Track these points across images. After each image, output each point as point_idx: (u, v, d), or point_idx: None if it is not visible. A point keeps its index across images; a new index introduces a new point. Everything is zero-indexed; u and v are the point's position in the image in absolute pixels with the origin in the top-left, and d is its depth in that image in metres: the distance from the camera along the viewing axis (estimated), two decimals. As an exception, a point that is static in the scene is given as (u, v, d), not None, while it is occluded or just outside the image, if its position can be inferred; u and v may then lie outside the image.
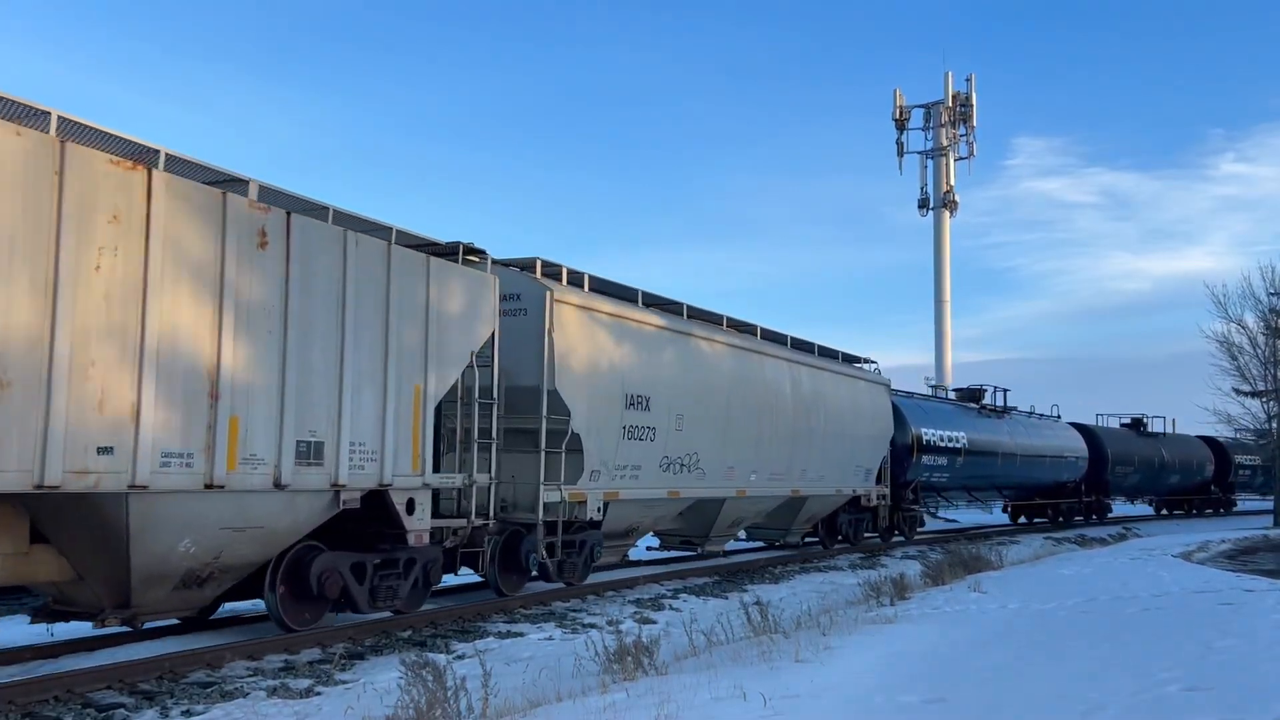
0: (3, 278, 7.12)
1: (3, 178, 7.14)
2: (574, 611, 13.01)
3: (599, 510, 14.06)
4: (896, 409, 24.06)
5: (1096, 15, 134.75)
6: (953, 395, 31.11)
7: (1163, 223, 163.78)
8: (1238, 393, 36.52)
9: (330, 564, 10.22)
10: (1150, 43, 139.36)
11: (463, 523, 11.73)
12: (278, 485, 9.08)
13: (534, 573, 13.53)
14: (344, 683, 8.63)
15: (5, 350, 7.13)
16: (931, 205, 51.96)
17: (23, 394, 7.20)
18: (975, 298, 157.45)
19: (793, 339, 19.89)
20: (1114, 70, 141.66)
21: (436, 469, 11.92)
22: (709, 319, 17.48)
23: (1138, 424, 40.32)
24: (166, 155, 8.54)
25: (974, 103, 52.09)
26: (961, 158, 52.32)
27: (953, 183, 51.97)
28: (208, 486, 8.44)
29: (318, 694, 8.23)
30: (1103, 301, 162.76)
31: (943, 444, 25.65)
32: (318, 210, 10.02)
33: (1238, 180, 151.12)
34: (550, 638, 11.12)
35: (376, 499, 10.39)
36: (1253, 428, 38.26)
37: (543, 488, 13.04)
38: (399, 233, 10.99)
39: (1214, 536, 26.01)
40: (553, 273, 13.95)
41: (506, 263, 13.70)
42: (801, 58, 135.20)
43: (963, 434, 26.63)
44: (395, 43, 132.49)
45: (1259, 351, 36.09)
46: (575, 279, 14.29)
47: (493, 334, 12.18)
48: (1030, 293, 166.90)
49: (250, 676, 8.78)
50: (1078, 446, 34.00)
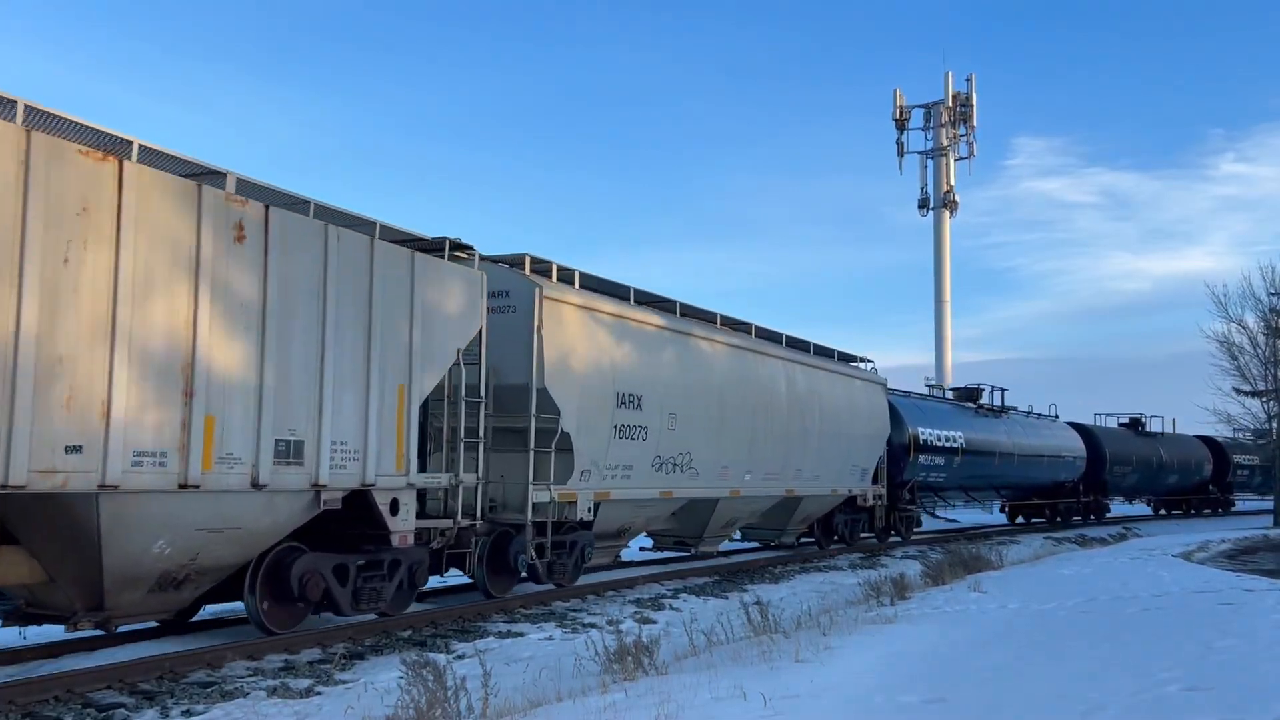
0: (-34, 271, 6.90)
1: (-34, 168, 6.93)
2: (574, 611, 12.96)
3: (589, 510, 13.85)
4: (893, 408, 23.87)
5: (1096, 15, 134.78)
6: (950, 395, 30.91)
7: (1163, 223, 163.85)
8: (1238, 392, 36.65)
9: (311, 566, 10.00)
10: (1150, 43, 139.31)
11: (449, 523, 11.50)
12: (256, 485, 8.85)
13: (523, 574, 13.32)
14: (344, 682, 8.61)
15: (-31, 346, 6.91)
16: (931, 205, 51.83)
17: (-13, 391, 6.97)
18: (975, 298, 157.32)
19: (788, 337, 19.68)
20: (1114, 70, 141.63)
21: (423, 469, 11.71)
22: (703, 317, 17.27)
23: (1136, 424, 40.15)
24: (140, 146, 8.31)
25: (974, 103, 51.97)
26: (961, 158, 52.24)
27: (953, 183, 51.84)
28: (182, 486, 8.21)
29: (318, 694, 8.22)
30: (1103, 301, 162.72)
31: (940, 444, 25.46)
32: (299, 204, 9.81)
33: (1238, 180, 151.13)
34: (550, 638, 11.09)
35: (359, 499, 10.16)
36: (1252, 427, 38.17)
37: (532, 488, 12.83)
38: (383, 227, 10.77)
39: (1214, 536, 26.04)
40: (542, 269, 13.73)
41: (495, 259, 13.49)
42: (801, 58, 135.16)
43: (960, 434, 26.44)
44: (395, 43, 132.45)
45: (1259, 351, 36.20)
46: (565, 276, 14.07)
47: (480, 331, 11.96)
48: (1030, 293, 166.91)
49: (250, 676, 8.76)
50: (1075, 446, 33.82)
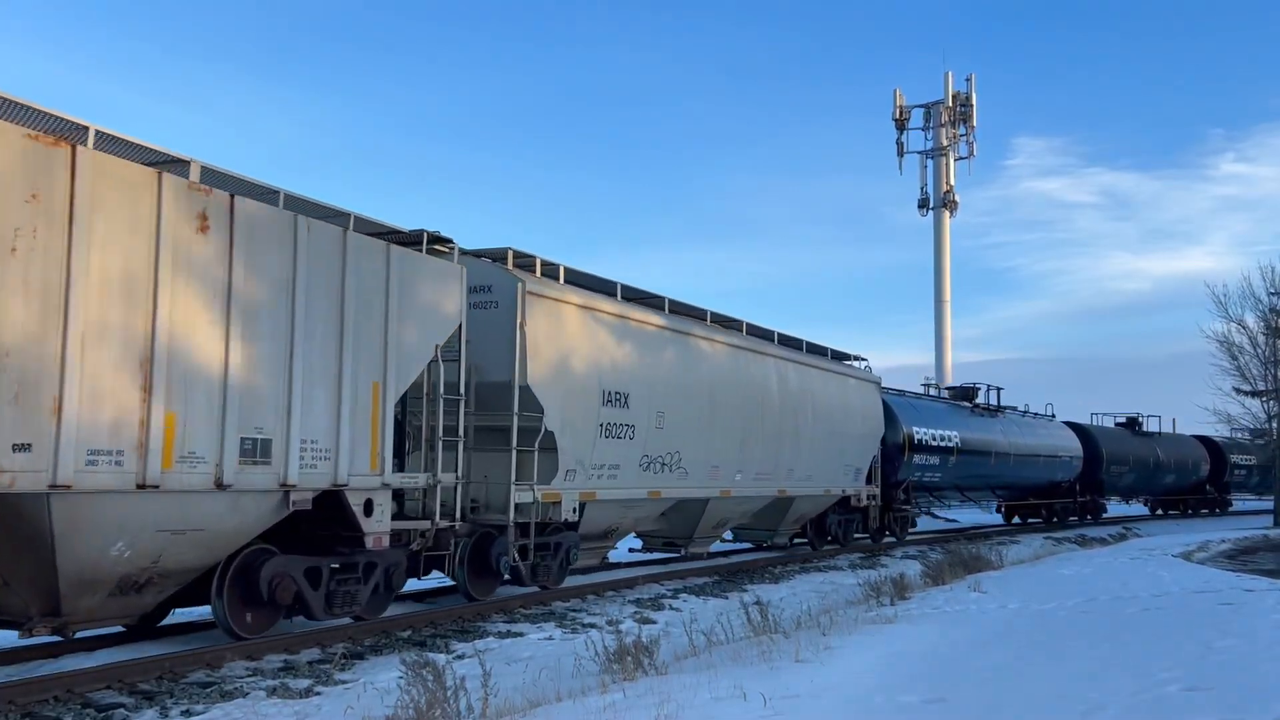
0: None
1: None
2: (574, 611, 12.85)
3: (574, 511, 13.52)
4: (887, 407, 23.56)
5: (1096, 15, 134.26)
6: (945, 394, 30.60)
7: (1163, 223, 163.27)
8: (1238, 392, 36.54)
9: (282, 568, 9.66)
10: (1150, 43, 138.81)
11: (427, 525, 11.16)
12: (220, 485, 8.50)
13: (506, 576, 12.99)
14: (344, 682, 8.57)
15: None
16: (931, 205, 51.66)
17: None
18: (975, 298, 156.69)
19: (780, 335, 19.36)
20: (1114, 70, 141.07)
21: (401, 469, 11.39)
22: (693, 314, 16.94)
23: (1133, 423, 39.85)
24: (97, 132, 7.96)
25: (974, 103, 51.85)
26: (961, 158, 52.15)
27: (953, 183, 51.67)
28: (140, 486, 7.86)
29: (317, 694, 8.19)
30: (1103, 301, 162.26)
31: (935, 443, 25.16)
32: (268, 194, 9.46)
33: (1238, 180, 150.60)
34: (550, 638, 11.03)
35: (332, 500, 9.82)
36: (1251, 427, 37.96)
37: (514, 488, 12.50)
38: (357, 219, 10.43)
39: (1214, 536, 25.95)
40: (526, 264, 13.40)
41: (477, 253, 13.16)
42: (801, 58, 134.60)
43: (955, 433, 26.14)
44: (395, 43, 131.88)
45: (1259, 351, 36.12)
46: (550, 271, 13.74)
47: (460, 327, 11.63)
48: (1030, 293, 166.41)
49: (250, 676, 8.71)
50: (1072, 446, 33.53)
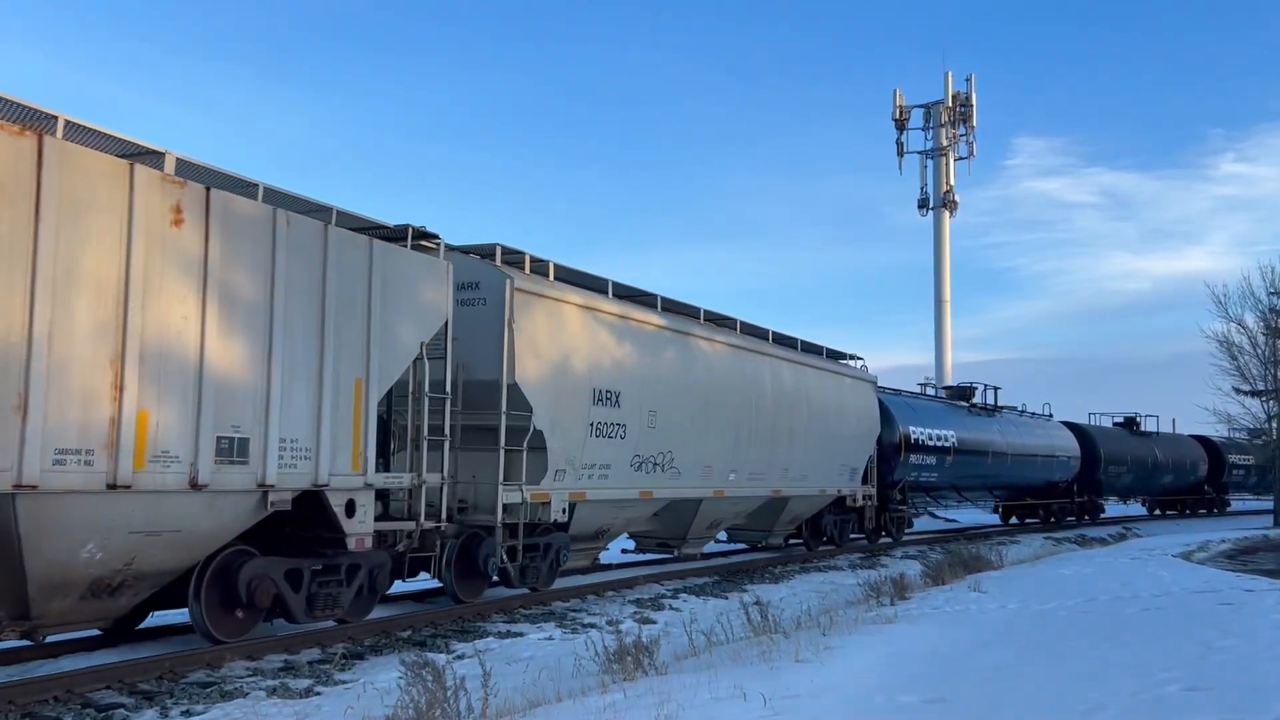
0: None
1: None
2: (574, 611, 12.81)
3: (564, 512, 13.30)
4: (883, 407, 23.36)
5: (1096, 15, 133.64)
6: (942, 393, 30.40)
7: (1163, 223, 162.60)
8: (1238, 392, 36.40)
9: (261, 570, 9.44)
10: (1150, 42, 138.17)
11: (411, 525, 10.94)
12: (195, 485, 8.27)
13: (494, 578, 12.78)
14: (344, 683, 8.55)
15: None
16: (931, 205, 51.42)
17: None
18: (975, 298, 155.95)
19: (774, 334, 19.14)
20: (1114, 70, 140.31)
21: (386, 468, 11.18)
22: (686, 312, 16.72)
23: (1131, 423, 39.67)
24: (66, 122, 7.74)
25: (974, 103, 51.54)
26: (961, 158, 51.80)
27: (953, 183, 51.43)
28: (111, 487, 7.63)
29: (317, 694, 8.18)
30: (1103, 301, 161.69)
31: (931, 443, 24.95)
32: (246, 187, 9.24)
33: (1238, 180, 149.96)
34: (550, 638, 11.02)
35: (313, 500, 9.60)
36: (1250, 426, 37.84)
37: (502, 488, 12.29)
38: (340, 213, 10.21)
39: (1214, 536, 25.84)
40: (515, 261, 13.18)
41: (465, 250, 12.95)
42: (801, 58, 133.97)
43: (952, 433, 25.93)
44: (395, 43, 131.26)
45: (1259, 351, 35.96)
46: (539, 268, 13.52)
47: (446, 324, 11.41)
48: (1030, 293, 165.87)
49: (250, 676, 8.69)
50: (1070, 446, 33.34)
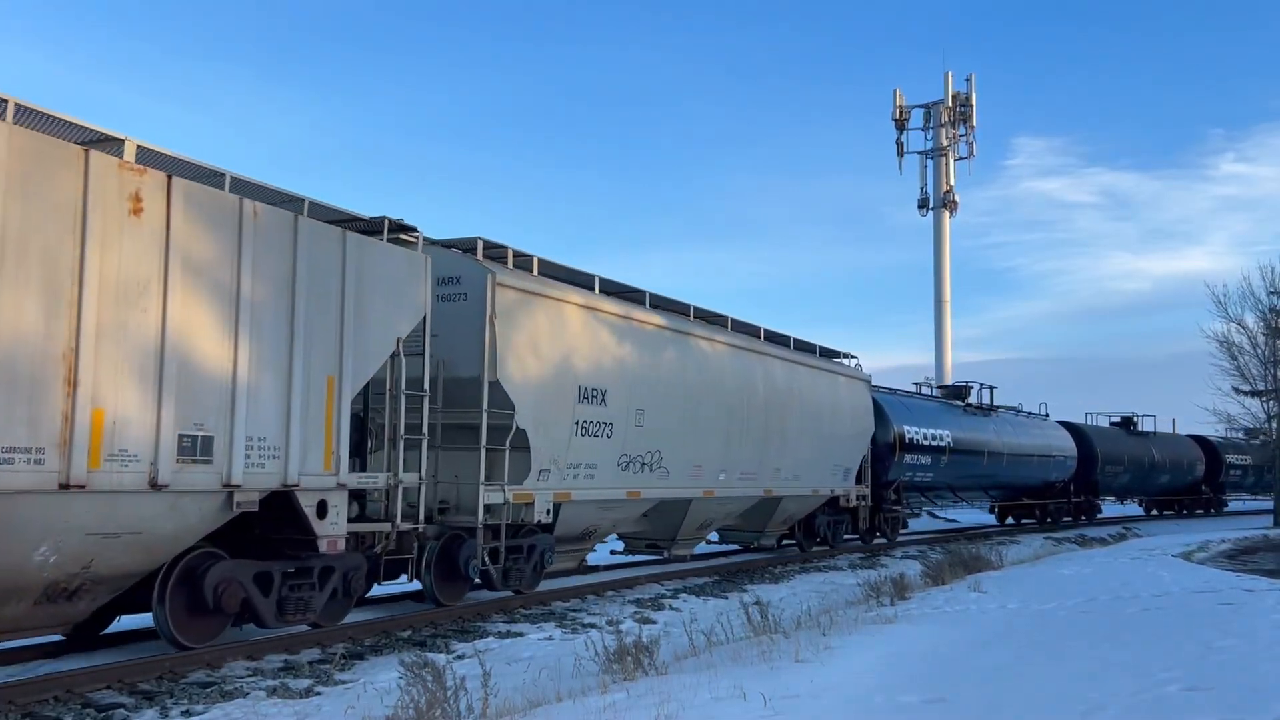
0: None
1: None
2: (574, 611, 12.79)
3: (548, 512, 12.97)
4: (878, 406, 23.05)
5: (1097, 15, 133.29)
6: (937, 393, 30.08)
7: (1163, 223, 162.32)
8: (1238, 392, 36.26)
9: (229, 574, 9.10)
10: (1150, 42, 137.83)
11: (387, 527, 10.60)
12: (155, 485, 7.93)
13: (476, 580, 12.45)
14: (344, 683, 8.55)
15: None
16: (931, 205, 51.22)
17: None
18: (975, 298, 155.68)
19: (766, 331, 18.82)
20: (1114, 70, 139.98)
21: (363, 468, 10.85)
22: (676, 309, 16.40)
23: (1128, 423, 39.39)
24: (16, 105, 7.41)
25: (974, 103, 51.34)
26: (961, 158, 51.61)
27: (953, 183, 51.23)
28: (64, 487, 7.28)
29: (318, 694, 8.18)
30: (1103, 301, 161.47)
31: (926, 442, 24.64)
32: (212, 176, 8.91)
33: (1238, 180, 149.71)
34: (550, 638, 11.00)
35: (282, 501, 9.27)
36: (1248, 426, 37.64)
37: (483, 488, 11.95)
38: (312, 205, 9.88)
39: (1214, 536, 25.67)
40: (497, 255, 12.85)
41: (446, 244, 12.63)
42: (801, 58, 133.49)
43: (947, 432, 25.63)
44: (395, 43, 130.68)
45: (1259, 351, 35.84)
46: (523, 262, 13.19)
47: (424, 319, 11.07)
48: (1030, 293, 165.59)
49: (250, 676, 8.69)
50: (1066, 445, 33.04)
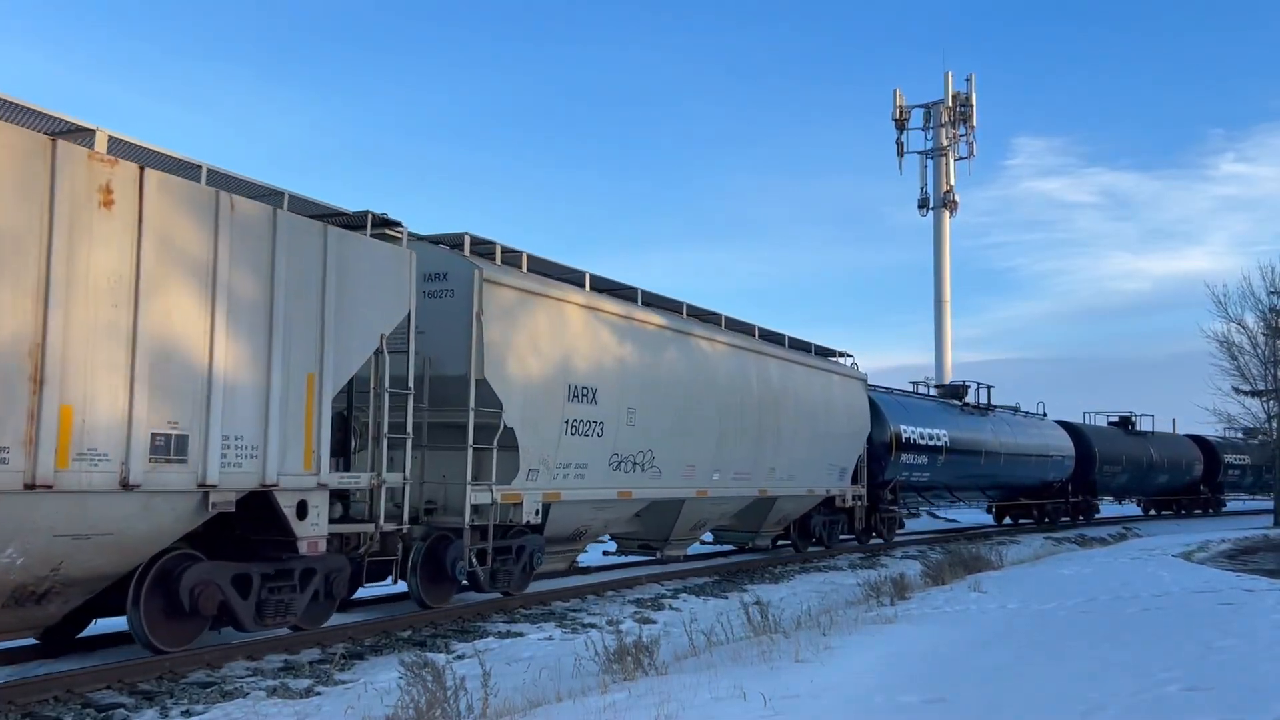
0: None
1: None
2: (574, 611, 12.79)
3: (537, 513, 12.75)
4: (874, 405, 22.85)
5: (1097, 15, 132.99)
6: (934, 392, 29.89)
7: (1163, 223, 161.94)
8: (1238, 392, 36.17)
9: (206, 576, 8.88)
10: (1150, 42, 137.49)
11: (370, 528, 10.38)
12: (126, 486, 7.70)
13: (463, 581, 12.24)
14: (344, 683, 8.56)
15: None
16: (931, 205, 51.15)
17: None
18: (975, 298, 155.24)
19: (761, 330, 18.62)
20: (1114, 70, 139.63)
21: (347, 467, 10.63)
22: (668, 307, 16.19)
23: (1126, 422, 39.22)
24: (-18, 94, 7.21)
25: (974, 103, 51.29)
26: (961, 158, 51.58)
27: (953, 183, 51.15)
28: (29, 487, 7.06)
29: (318, 694, 8.18)
30: (1103, 301, 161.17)
31: (923, 442, 24.45)
32: (188, 169, 8.69)
33: (1238, 180, 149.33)
34: (550, 638, 11.00)
35: (261, 501, 9.05)
36: (1247, 426, 37.51)
37: (470, 488, 11.74)
38: (293, 198, 9.67)
39: (1214, 536, 25.58)
40: (485, 251, 12.64)
41: (433, 239, 12.42)
42: (801, 58, 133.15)
43: (944, 432, 25.43)
44: (395, 43, 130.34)
45: (1259, 351, 35.77)
46: (511, 258, 12.98)
47: (409, 315, 10.86)
48: (1030, 293, 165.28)
49: (250, 676, 8.70)
50: (1064, 445, 32.85)
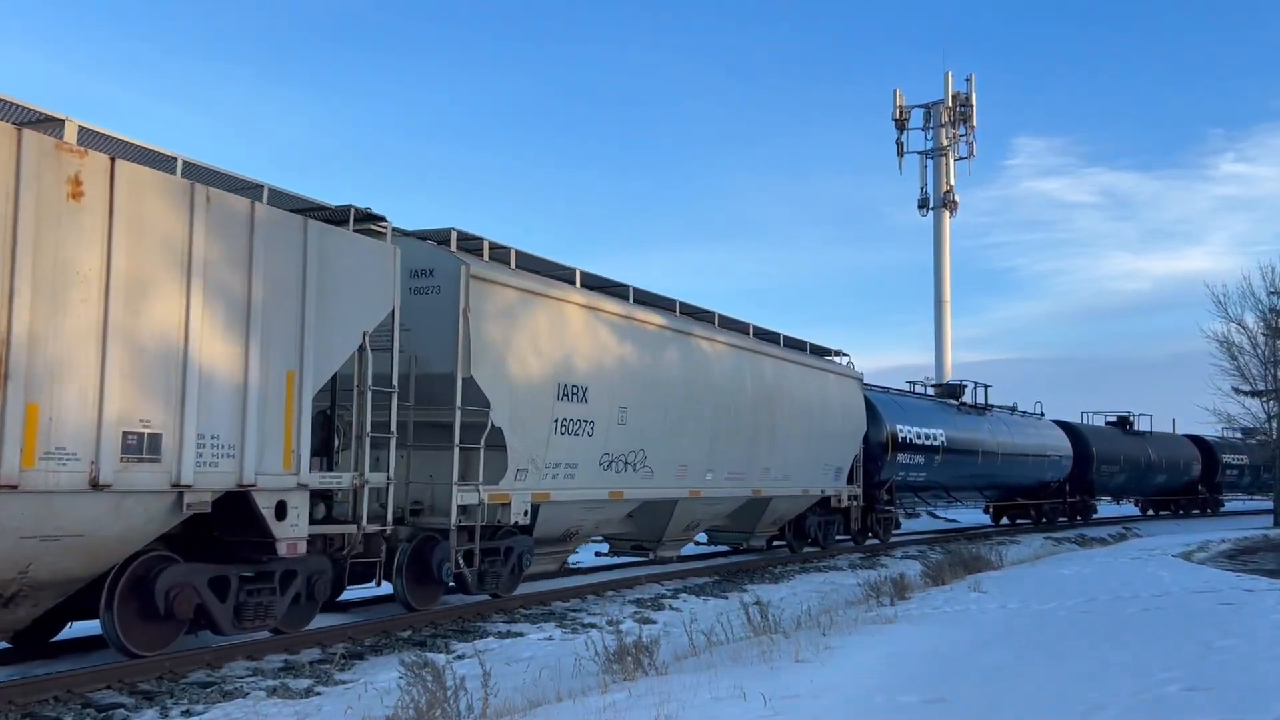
0: None
1: None
2: (574, 611, 12.81)
3: (526, 513, 12.53)
4: (870, 404, 22.65)
5: (1097, 15, 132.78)
6: (931, 391, 29.69)
7: (1163, 223, 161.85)
8: (1238, 392, 36.06)
9: (181, 578, 8.65)
10: (1150, 42, 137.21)
11: (352, 529, 10.16)
12: (96, 485, 7.47)
13: (450, 583, 12.02)
14: (344, 683, 8.58)
15: None
16: (931, 205, 50.98)
17: None
18: (975, 298, 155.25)
19: (755, 328, 18.41)
20: (1114, 70, 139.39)
21: (329, 467, 10.41)
22: (660, 305, 15.97)
23: (1124, 422, 39.03)
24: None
25: (974, 103, 51.11)
26: (961, 158, 51.37)
27: (953, 183, 50.99)
28: (-7, 487, 6.87)
29: (318, 694, 8.20)
30: (1103, 301, 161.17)
31: (919, 441, 24.25)
32: (162, 160, 8.47)
33: (1238, 180, 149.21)
34: (550, 638, 11.02)
35: (239, 502, 8.83)
36: (1246, 426, 37.37)
37: (457, 488, 11.52)
38: (272, 191, 9.45)
39: (1214, 536, 25.49)
40: (472, 246, 12.41)
41: (419, 235, 12.20)
42: (801, 58, 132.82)
43: (941, 431, 25.23)
44: (395, 43, 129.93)
45: (1259, 351, 35.64)
46: (499, 254, 12.76)
47: (393, 312, 10.64)
48: (1030, 293, 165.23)
49: (250, 676, 8.72)
50: (1062, 445, 32.66)
